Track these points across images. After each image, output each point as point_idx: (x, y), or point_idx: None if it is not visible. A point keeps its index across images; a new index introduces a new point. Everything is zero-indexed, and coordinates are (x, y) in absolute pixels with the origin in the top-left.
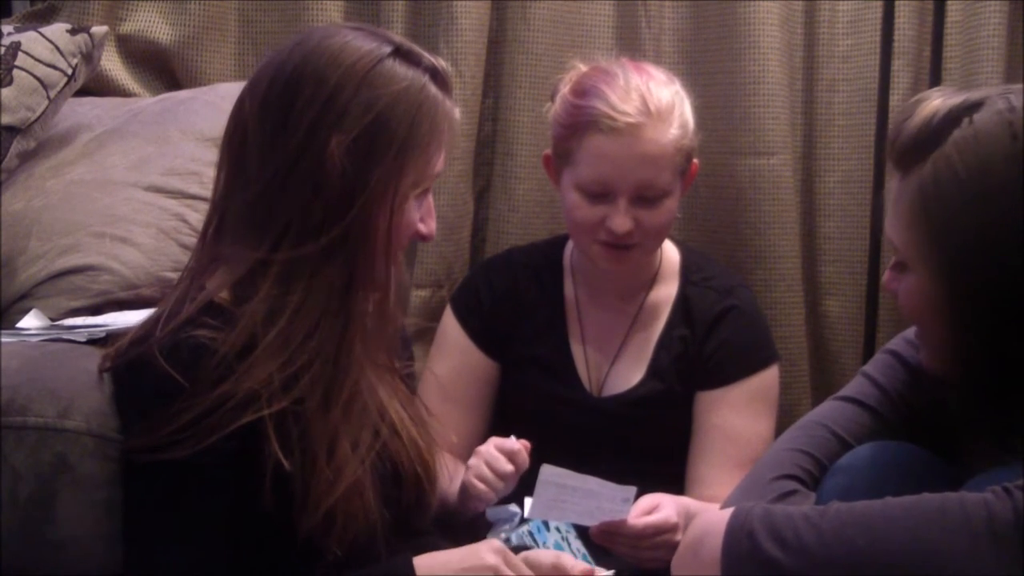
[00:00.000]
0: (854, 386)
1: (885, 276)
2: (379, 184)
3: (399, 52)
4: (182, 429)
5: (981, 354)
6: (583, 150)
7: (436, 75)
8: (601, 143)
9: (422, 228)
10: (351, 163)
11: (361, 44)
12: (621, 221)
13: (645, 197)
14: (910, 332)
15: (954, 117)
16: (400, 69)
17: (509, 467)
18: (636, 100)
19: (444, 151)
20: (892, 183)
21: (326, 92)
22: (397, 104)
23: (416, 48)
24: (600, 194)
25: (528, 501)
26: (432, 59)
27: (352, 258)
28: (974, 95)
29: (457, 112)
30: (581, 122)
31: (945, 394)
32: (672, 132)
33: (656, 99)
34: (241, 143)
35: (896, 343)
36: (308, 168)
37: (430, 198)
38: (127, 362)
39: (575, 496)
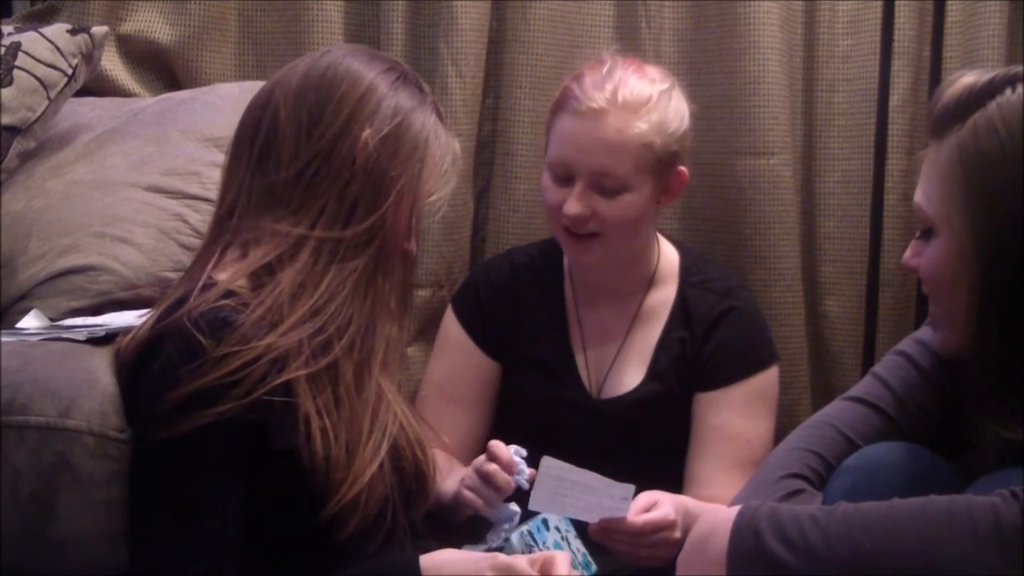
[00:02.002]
0: (864, 386)
1: (906, 254)
2: (404, 183)
3: (410, 77)
4: (212, 386)
5: (1002, 325)
6: (554, 130)
7: (437, 109)
8: (567, 124)
9: (411, 245)
10: (381, 157)
11: (383, 62)
12: (573, 203)
13: (604, 185)
14: (920, 333)
15: (997, 85)
16: (416, 90)
17: (496, 469)
18: (608, 88)
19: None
20: (926, 153)
21: (360, 90)
22: (418, 114)
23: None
24: (564, 177)
25: (531, 495)
26: (432, 96)
27: (377, 250)
28: (1016, 69)
29: (457, 146)
30: (557, 103)
31: (956, 393)
32: (638, 125)
33: (629, 91)
34: (271, 130)
35: (906, 344)
36: (343, 156)
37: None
38: (149, 337)
39: (575, 490)
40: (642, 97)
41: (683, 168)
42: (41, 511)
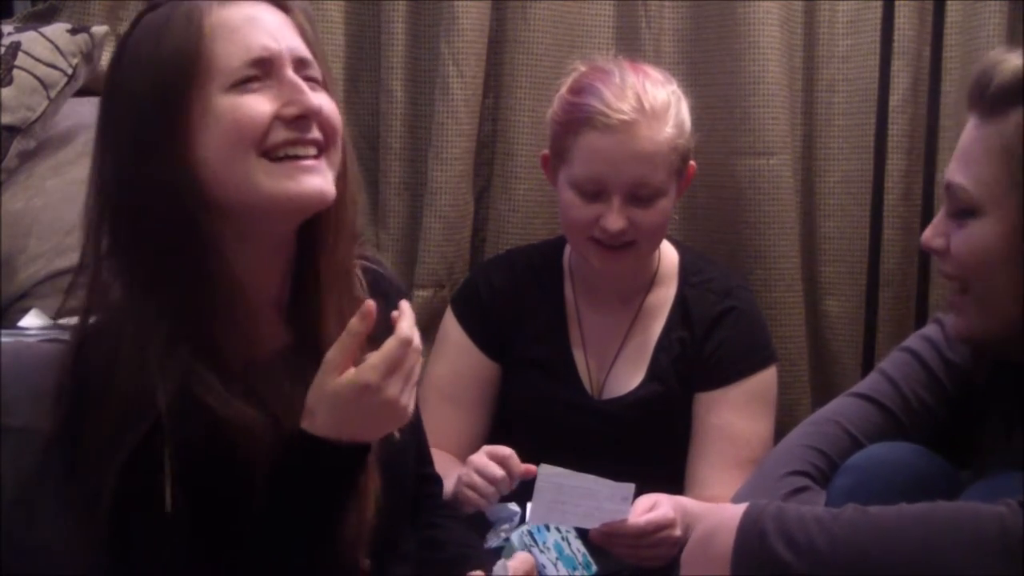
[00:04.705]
0: (870, 383)
1: (927, 233)
2: (168, 114)
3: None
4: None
5: None
6: (578, 147)
7: None
8: (595, 140)
9: (289, 110)
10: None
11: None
12: (615, 219)
13: (639, 196)
14: (928, 330)
15: None
16: (152, 16)
17: (500, 472)
18: (631, 98)
19: (245, 29)
20: (964, 130)
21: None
22: (140, 47)
23: None
24: (594, 192)
25: (529, 507)
26: None
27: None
28: None
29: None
30: (576, 119)
31: (962, 392)
32: (667, 131)
33: (651, 97)
34: None
35: (913, 342)
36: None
37: (288, 77)
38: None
39: (574, 496)
40: (665, 102)
41: (692, 162)
42: (21, 515)
